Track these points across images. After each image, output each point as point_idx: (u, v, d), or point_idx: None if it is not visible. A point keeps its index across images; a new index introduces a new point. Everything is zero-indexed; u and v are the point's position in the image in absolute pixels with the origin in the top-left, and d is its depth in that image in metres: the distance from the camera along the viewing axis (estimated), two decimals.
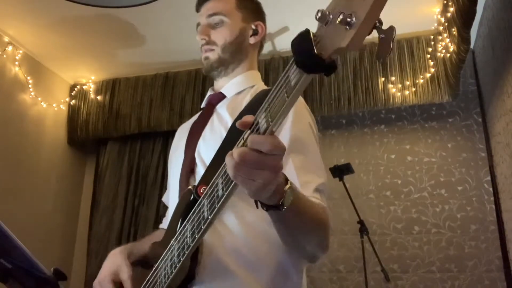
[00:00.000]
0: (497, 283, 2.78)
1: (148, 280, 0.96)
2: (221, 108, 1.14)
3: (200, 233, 0.80)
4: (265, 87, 1.18)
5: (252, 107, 1.03)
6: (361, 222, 2.68)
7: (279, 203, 0.72)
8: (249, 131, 0.68)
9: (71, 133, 3.70)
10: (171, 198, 1.14)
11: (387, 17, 0.57)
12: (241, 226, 0.95)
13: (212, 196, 0.77)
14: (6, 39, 3.13)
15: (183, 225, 0.87)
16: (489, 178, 2.97)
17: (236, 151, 0.64)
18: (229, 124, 1.05)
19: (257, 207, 0.76)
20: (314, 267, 3.12)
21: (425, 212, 3.04)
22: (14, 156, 3.17)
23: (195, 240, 0.82)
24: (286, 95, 0.61)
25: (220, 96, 1.18)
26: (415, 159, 3.16)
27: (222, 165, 0.74)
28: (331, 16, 0.55)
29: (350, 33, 0.52)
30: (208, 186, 0.79)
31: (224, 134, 1.03)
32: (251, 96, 1.10)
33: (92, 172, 3.82)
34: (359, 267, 2.98)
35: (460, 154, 3.08)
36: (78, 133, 3.68)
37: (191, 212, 0.85)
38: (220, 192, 0.74)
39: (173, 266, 0.87)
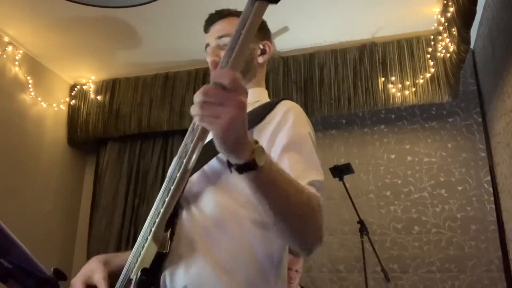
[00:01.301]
0: (497, 283, 2.78)
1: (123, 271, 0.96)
2: None
3: (169, 195, 0.83)
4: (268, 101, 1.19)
5: (249, 115, 1.04)
6: (361, 222, 2.68)
7: (252, 160, 0.70)
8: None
9: (71, 133, 3.70)
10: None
11: (387, 17, 0.57)
12: (213, 206, 0.95)
13: (180, 155, 0.81)
14: (6, 39, 3.13)
15: (157, 199, 0.89)
16: (489, 178, 2.97)
17: (199, 90, 0.65)
18: None
19: (230, 169, 0.73)
20: (314, 267, 3.12)
21: (425, 212, 3.04)
22: (14, 156, 3.17)
23: (165, 204, 0.84)
24: (242, 32, 0.67)
25: None
26: (415, 159, 3.16)
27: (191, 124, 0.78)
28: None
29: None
30: (179, 149, 0.82)
31: None
32: (252, 108, 1.10)
33: (92, 172, 3.82)
34: (359, 267, 2.98)
35: (460, 154, 3.08)
36: (78, 133, 3.68)
37: (164, 182, 0.87)
38: (189, 146, 0.78)
39: (144, 239, 0.87)
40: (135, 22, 2.95)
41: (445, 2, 2.58)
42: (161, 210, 0.85)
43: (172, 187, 0.83)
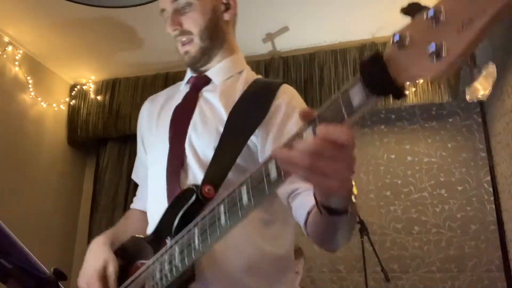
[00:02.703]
0: (497, 283, 2.77)
1: (135, 279, 0.94)
2: (210, 94, 1.07)
3: (215, 240, 0.77)
4: (253, 73, 1.13)
5: (247, 99, 1.00)
6: (361, 222, 2.68)
7: (347, 209, 0.69)
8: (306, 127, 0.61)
9: (71, 133, 3.70)
10: (155, 191, 1.07)
11: (387, 17, 0.58)
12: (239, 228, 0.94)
13: (232, 202, 0.71)
14: (6, 39, 3.12)
15: (189, 228, 0.83)
16: (489, 178, 2.96)
17: (306, 144, 0.56)
18: (224, 116, 0.99)
19: (320, 212, 0.70)
20: (314, 267, 3.12)
21: (425, 212, 3.04)
22: (14, 156, 3.17)
23: (208, 246, 0.78)
24: (346, 114, 0.56)
25: (206, 79, 1.10)
26: (415, 159, 3.16)
27: (255, 170, 0.67)
28: (408, 41, 0.52)
29: (437, 66, 0.49)
30: (229, 192, 0.73)
31: (220, 128, 0.98)
32: (242, 85, 1.05)
33: (92, 172, 3.82)
34: (359, 267, 2.98)
35: (460, 154, 3.08)
36: (78, 133, 3.67)
37: (201, 216, 0.80)
38: (245, 201, 0.68)
39: (175, 270, 0.84)
40: (135, 22, 2.95)
41: None
42: (202, 250, 0.80)
43: (219, 234, 0.76)
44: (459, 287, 2.85)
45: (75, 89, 3.74)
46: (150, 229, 1.03)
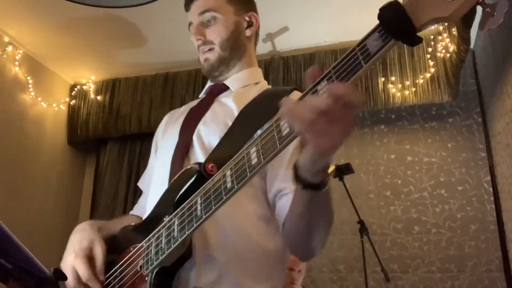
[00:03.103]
0: (497, 283, 2.77)
1: (129, 258, 0.92)
2: (225, 99, 1.11)
3: (219, 203, 0.76)
4: (268, 86, 1.18)
5: (259, 101, 1.04)
6: (361, 222, 2.68)
7: (325, 182, 0.71)
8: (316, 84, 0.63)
9: (71, 133, 3.70)
10: (157, 180, 1.08)
11: None
12: (237, 214, 0.93)
13: (240, 165, 0.73)
14: (6, 39, 3.13)
15: (191, 198, 0.83)
16: (489, 178, 2.96)
17: (319, 99, 0.58)
18: (235, 113, 1.02)
19: (295, 182, 0.73)
20: (314, 267, 3.12)
21: (425, 212, 3.04)
22: (14, 156, 3.17)
23: (211, 211, 0.77)
24: (363, 61, 0.59)
25: (223, 87, 1.15)
26: (415, 159, 3.16)
27: (265, 134, 0.70)
28: None
29: (453, 4, 0.54)
30: (236, 156, 0.75)
31: (228, 122, 1.01)
32: (257, 92, 1.08)
33: (92, 172, 3.82)
34: (359, 267, 2.98)
35: (460, 154, 3.08)
36: (78, 133, 3.68)
37: (203, 186, 0.81)
38: (254, 161, 0.70)
39: (173, 241, 0.83)
40: (135, 22, 2.95)
41: None
42: (204, 216, 0.79)
43: (224, 197, 0.76)
44: (459, 287, 2.85)
45: (75, 89, 3.74)
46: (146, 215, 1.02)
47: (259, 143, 0.70)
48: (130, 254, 0.92)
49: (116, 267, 0.93)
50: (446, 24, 2.62)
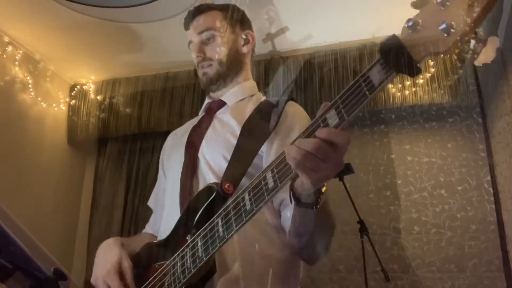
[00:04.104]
0: (497, 283, 2.77)
1: (156, 277, 0.95)
2: (223, 115, 1.18)
3: (240, 224, 0.81)
4: (263, 97, 1.24)
5: (258, 114, 1.11)
6: (361, 222, 2.68)
7: (317, 202, 0.79)
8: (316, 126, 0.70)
9: (71, 133, 3.70)
10: (169, 198, 1.14)
11: (387, 17, 0.59)
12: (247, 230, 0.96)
13: (258, 188, 0.79)
14: (6, 39, 3.13)
15: (212, 219, 0.87)
16: (489, 178, 2.96)
17: (307, 142, 0.66)
18: (236, 129, 1.09)
19: (291, 201, 0.82)
20: (314, 267, 3.11)
21: (425, 212, 3.04)
22: (14, 156, 3.17)
23: (233, 231, 0.82)
24: (367, 93, 0.64)
25: (221, 103, 1.22)
26: (415, 159, 3.16)
27: (278, 160, 0.76)
28: (420, 25, 0.62)
29: (449, 40, 0.59)
30: (254, 179, 0.80)
31: (229, 138, 1.07)
32: (253, 104, 1.15)
33: (92, 172, 3.82)
34: (359, 267, 2.98)
35: (460, 154, 3.08)
36: (78, 133, 3.67)
37: (224, 207, 0.85)
38: (271, 185, 0.76)
39: (198, 260, 0.87)
40: (135, 22, 2.95)
41: None
42: (227, 237, 0.83)
43: (245, 219, 0.80)
44: (459, 287, 2.85)
45: (75, 89, 3.74)
46: (165, 234, 1.06)
47: (275, 169, 0.77)
48: (159, 270, 0.96)
49: (146, 284, 0.97)
50: None
